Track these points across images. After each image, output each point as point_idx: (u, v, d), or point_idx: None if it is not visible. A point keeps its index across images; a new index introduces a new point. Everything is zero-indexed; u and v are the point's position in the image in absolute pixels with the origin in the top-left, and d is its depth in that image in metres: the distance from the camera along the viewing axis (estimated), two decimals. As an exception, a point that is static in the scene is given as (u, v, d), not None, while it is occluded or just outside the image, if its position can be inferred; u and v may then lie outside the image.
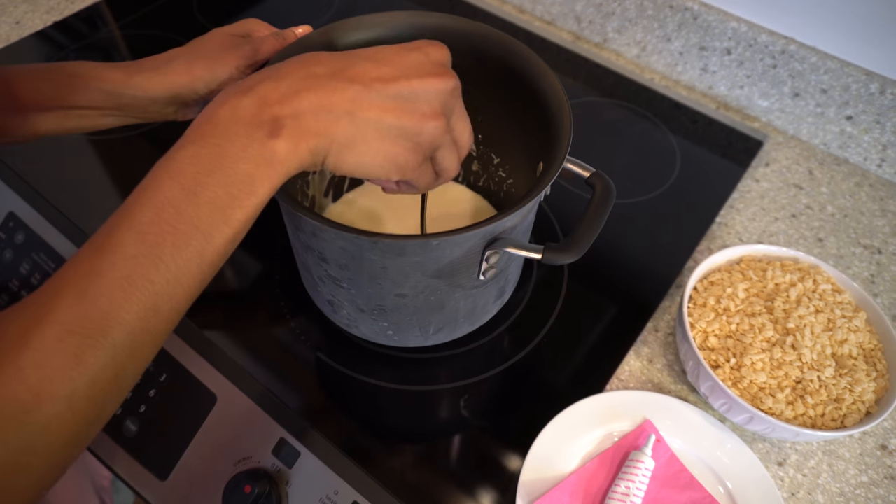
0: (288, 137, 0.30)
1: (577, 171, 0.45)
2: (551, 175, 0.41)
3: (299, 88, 0.31)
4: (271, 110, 0.30)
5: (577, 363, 0.55)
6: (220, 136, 0.29)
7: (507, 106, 0.50)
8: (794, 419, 0.47)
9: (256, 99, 0.30)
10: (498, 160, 0.57)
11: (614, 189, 0.43)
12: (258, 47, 0.46)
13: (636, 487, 0.46)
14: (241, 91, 0.31)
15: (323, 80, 0.31)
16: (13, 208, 0.63)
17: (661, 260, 0.62)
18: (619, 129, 0.75)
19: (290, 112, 0.30)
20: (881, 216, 0.67)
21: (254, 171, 0.29)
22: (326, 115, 0.31)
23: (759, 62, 0.72)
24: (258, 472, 0.47)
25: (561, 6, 0.84)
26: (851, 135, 0.70)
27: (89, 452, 0.53)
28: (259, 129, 0.30)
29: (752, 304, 0.51)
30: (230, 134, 0.29)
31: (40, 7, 0.85)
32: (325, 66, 0.32)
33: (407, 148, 0.34)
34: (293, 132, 0.30)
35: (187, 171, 0.29)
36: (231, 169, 0.29)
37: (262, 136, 0.30)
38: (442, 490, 0.48)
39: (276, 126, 0.30)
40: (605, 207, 0.42)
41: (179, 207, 0.28)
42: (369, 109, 0.32)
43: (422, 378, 0.54)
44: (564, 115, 0.44)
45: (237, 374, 0.52)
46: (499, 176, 0.58)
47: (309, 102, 0.31)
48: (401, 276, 0.43)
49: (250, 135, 0.29)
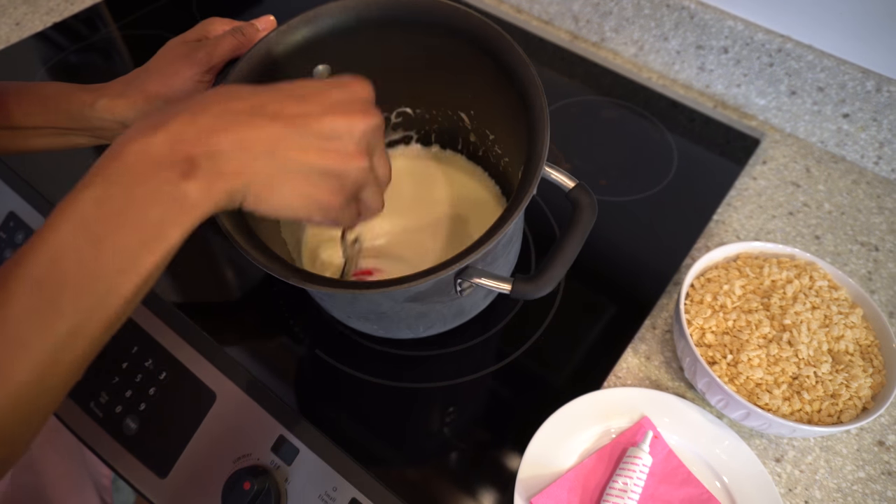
0: (202, 179, 0.28)
1: (559, 181, 0.43)
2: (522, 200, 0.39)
3: (216, 126, 0.28)
4: (185, 149, 0.28)
5: (575, 360, 0.55)
6: (128, 176, 0.27)
7: (492, 84, 0.48)
8: (790, 415, 0.47)
9: (169, 136, 0.28)
10: (493, 137, 0.56)
11: (596, 206, 0.42)
12: (213, 50, 0.45)
13: (634, 483, 0.46)
14: (152, 126, 0.28)
15: (242, 116, 0.29)
16: (13, 208, 0.63)
17: (659, 257, 0.62)
18: (616, 127, 0.75)
19: (206, 151, 0.28)
20: (878, 213, 0.67)
21: (165, 216, 0.27)
22: (245, 155, 0.29)
23: (755, 60, 0.72)
24: (257, 469, 0.47)
25: (558, 6, 0.84)
26: (848, 132, 0.71)
27: (90, 451, 0.54)
28: (171, 170, 0.27)
29: (748, 300, 0.51)
30: (140, 175, 0.27)
31: (40, 8, 0.85)
32: (245, 102, 0.30)
33: (330, 189, 0.32)
34: (208, 173, 0.28)
35: (91, 214, 0.26)
36: (140, 213, 0.27)
37: (174, 177, 0.27)
38: (440, 487, 0.48)
39: (190, 166, 0.28)
40: (583, 231, 0.41)
41: (81, 255, 0.26)
42: (290, 149, 0.30)
43: (420, 376, 0.54)
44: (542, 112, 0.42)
45: (236, 372, 0.52)
46: (495, 152, 0.58)
47: (226, 141, 0.28)
48: (373, 303, 0.44)
49: (162, 176, 0.27)
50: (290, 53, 0.46)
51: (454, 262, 0.38)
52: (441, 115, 0.58)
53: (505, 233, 0.39)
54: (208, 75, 0.45)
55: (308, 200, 0.32)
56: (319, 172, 0.31)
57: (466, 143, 0.61)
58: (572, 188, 0.43)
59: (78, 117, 0.45)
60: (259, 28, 0.46)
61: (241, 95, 0.30)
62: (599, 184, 0.68)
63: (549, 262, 0.40)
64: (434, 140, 0.62)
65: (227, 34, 0.46)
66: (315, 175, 0.31)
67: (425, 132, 0.61)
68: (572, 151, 0.71)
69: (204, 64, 0.45)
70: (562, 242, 0.41)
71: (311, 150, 0.30)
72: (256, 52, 0.45)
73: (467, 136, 0.60)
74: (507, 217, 0.39)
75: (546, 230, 0.64)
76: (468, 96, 0.51)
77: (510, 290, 0.40)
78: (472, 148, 0.61)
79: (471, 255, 0.38)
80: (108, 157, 0.28)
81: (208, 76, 0.45)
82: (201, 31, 0.47)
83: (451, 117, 0.58)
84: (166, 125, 0.28)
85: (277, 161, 0.30)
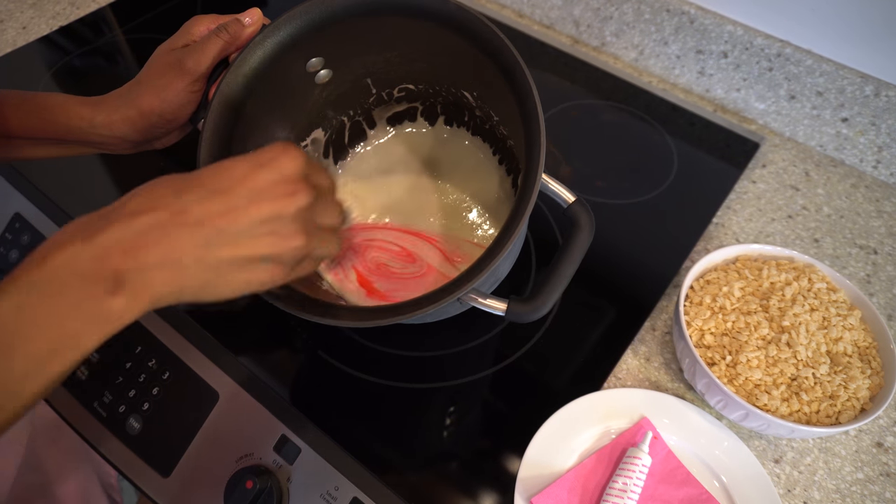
0: (128, 293, 0.28)
1: (558, 195, 0.43)
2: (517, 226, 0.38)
3: (142, 241, 0.28)
4: (113, 263, 0.27)
5: (575, 361, 0.55)
6: (52, 287, 0.27)
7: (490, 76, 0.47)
8: (789, 416, 0.47)
9: (98, 250, 0.27)
10: (497, 119, 0.55)
11: (594, 225, 0.42)
12: (200, 57, 0.44)
13: (633, 483, 0.46)
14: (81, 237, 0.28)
15: (168, 228, 0.29)
16: (19, 209, 0.64)
17: (659, 260, 0.63)
18: (617, 131, 0.75)
19: (134, 266, 0.28)
20: (877, 217, 0.67)
21: (83, 328, 0.27)
22: (174, 267, 0.29)
23: (755, 65, 0.73)
24: (260, 469, 0.48)
25: (559, 10, 0.85)
26: (847, 137, 0.71)
27: (94, 451, 0.54)
28: (97, 285, 0.27)
29: (747, 302, 0.52)
30: (64, 287, 0.27)
31: (46, 12, 0.86)
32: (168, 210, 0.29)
33: (269, 270, 0.32)
34: (135, 288, 0.28)
35: (7, 321, 0.26)
36: (58, 325, 0.27)
37: (99, 292, 0.27)
38: (441, 486, 0.48)
39: (117, 282, 0.27)
40: (581, 251, 0.41)
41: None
42: (220, 250, 0.30)
43: (421, 376, 0.54)
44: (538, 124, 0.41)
45: (239, 372, 0.52)
46: (501, 132, 0.56)
47: (154, 256, 0.28)
48: None
49: (86, 290, 0.27)
50: (282, 50, 0.47)
51: (459, 286, 0.38)
52: (444, 90, 0.57)
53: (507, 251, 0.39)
54: (198, 83, 0.45)
55: (248, 285, 0.32)
56: (254, 261, 0.31)
57: (473, 117, 0.59)
58: (571, 203, 0.42)
59: (76, 131, 0.45)
60: (245, 23, 0.45)
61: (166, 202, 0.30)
62: (598, 185, 0.68)
63: (545, 283, 0.39)
64: (440, 111, 0.61)
65: (213, 35, 0.45)
66: (250, 264, 0.31)
67: (430, 104, 0.60)
68: (573, 154, 0.71)
69: (194, 73, 0.44)
70: (558, 263, 0.40)
71: (242, 244, 0.30)
72: (246, 55, 0.45)
73: (473, 111, 0.58)
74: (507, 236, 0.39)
75: (548, 234, 0.64)
76: (469, 79, 0.51)
77: (505, 312, 0.39)
78: (478, 121, 0.59)
79: (475, 279, 0.38)
80: (34, 261, 0.27)
81: (198, 84, 0.45)
82: (187, 34, 0.46)
83: (455, 94, 0.56)
84: (94, 238, 0.28)
85: (208, 264, 0.30)
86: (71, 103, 0.45)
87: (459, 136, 0.61)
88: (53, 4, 0.87)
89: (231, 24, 0.45)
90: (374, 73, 0.55)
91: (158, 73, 0.45)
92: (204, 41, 0.45)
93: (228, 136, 0.46)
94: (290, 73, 0.49)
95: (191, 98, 0.45)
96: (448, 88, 0.56)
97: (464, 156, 0.61)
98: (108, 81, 0.48)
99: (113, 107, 0.45)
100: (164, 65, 0.45)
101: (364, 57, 0.53)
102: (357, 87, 0.56)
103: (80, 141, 0.46)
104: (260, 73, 0.46)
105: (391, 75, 0.56)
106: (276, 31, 0.46)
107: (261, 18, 0.46)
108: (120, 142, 0.46)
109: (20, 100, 0.45)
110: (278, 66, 0.47)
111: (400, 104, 0.60)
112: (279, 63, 0.47)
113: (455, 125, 0.61)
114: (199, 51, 0.44)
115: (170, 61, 0.45)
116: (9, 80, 0.77)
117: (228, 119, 0.46)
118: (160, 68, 0.45)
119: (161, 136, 0.48)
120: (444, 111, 0.61)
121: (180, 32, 0.47)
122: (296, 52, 0.47)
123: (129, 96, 0.45)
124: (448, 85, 0.56)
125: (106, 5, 0.87)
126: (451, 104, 0.59)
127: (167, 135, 0.48)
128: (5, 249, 0.63)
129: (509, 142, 0.56)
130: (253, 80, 0.46)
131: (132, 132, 0.45)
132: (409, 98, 0.59)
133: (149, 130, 0.46)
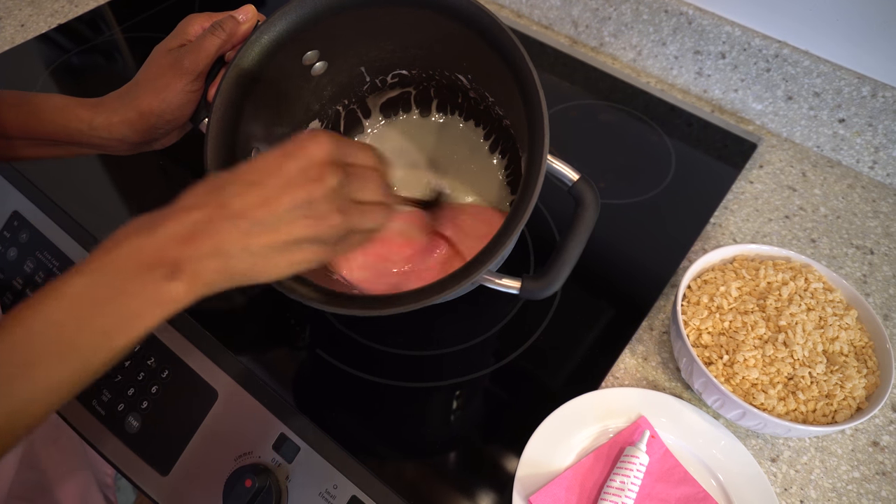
0: (186, 280, 0.31)
1: (561, 173, 0.43)
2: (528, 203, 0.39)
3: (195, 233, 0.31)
4: (171, 254, 0.31)
5: (573, 361, 0.56)
6: (119, 272, 0.30)
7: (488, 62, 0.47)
8: (785, 415, 0.47)
9: (158, 242, 0.31)
10: (492, 100, 0.55)
11: (599, 201, 0.42)
12: (197, 56, 0.45)
13: (631, 482, 0.46)
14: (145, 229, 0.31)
15: (214, 221, 0.32)
16: (18, 207, 0.64)
17: (657, 260, 0.63)
18: (615, 131, 0.76)
19: (189, 256, 0.31)
20: (873, 217, 0.68)
21: (145, 309, 0.31)
22: (222, 255, 0.32)
23: (752, 66, 0.73)
24: (259, 467, 0.48)
25: (558, 11, 0.85)
26: (844, 137, 0.71)
27: (92, 449, 0.54)
28: (157, 272, 0.31)
29: (744, 302, 0.52)
30: (129, 272, 0.30)
31: (44, 10, 0.86)
32: (212, 204, 0.32)
33: (312, 250, 0.34)
34: (191, 275, 0.31)
35: (83, 297, 0.30)
36: (124, 304, 0.30)
37: (159, 277, 0.30)
38: (439, 485, 0.48)
39: (175, 269, 0.31)
40: (588, 228, 0.41)
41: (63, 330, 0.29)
42: (261, 237, 0.32)
43: (419, 375, 0.54)
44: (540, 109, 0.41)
45: (238, 370, 0.52)
46: (496, 112, 0.57)
47: (205, 247, 0.31)
48: None
49: (148, 275, 0.30)
50: (278, 46, 0.47)
51: (471, 272, 0.38)
52: (438, 73, 0.57)
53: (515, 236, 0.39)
54: (197, 83, 0.45)
55: (294, 265, 0.35)
56: (296, 243, 0.34)
57: (467, 99, 0.60)
58: (576, 181, 0.43)
59: (75, 133, 0.45)
60: (240, 19, 0.46)
61: (211, 199, 0.33)
62: (598, 186, 0.68)
63: (555, 260, 0.40)
64: (434, 95, 0.61)
65: (208, 34, 0.45)
66: (293, 246, 0.34)
67: (423, 88, 0.60)
68: (571, 154, 0.71)
69: (191, 73, 0.45)
70: (567, 240, 0.41)
71: (280, 230, 0.33)
72: (243, 53, 0.45)
73: (466, 92, 0.58)
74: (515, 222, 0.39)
75: (544, 229, 0.64)
76: (463, 64, 0.51)
77: (519, 290, 0.40)
78: (472, 103, 0.60)
79: (488, 263, 0.38)
80: (103, 250, 0.31)
81: (197, 83, 0.46)
82: (182, 34, 0.47)
83: (449, 76, 0.57)
84: (154, 231, 0.31)
85: (252, 251, 0.33)
86: (70, 105, 0.45)
87: (453, 122, 0.62)
88: (52, 2, 0.87)
89: (226, 22, 0.45)
90: (368, 61, 0.56)
91: (157, 74, 0.45)
92: (200, 40, 0.45)
93: (232, 135, 0.46)
94: (287, 68, 0.50)
95: (190, 98, 0.46)
96: (441, 72, 0.56)
97: (458, 141, 0.61)
98: (106, 80, 0.48)
99: (112, 109, 0.45)
100: (161, 66, 0.45)
101: (358, 47, 0.53)
102: (351, 76, 0.56)
103: (79, 143, 0.46)
104: (257, 70, 0.47)
105: (385, 63, 0.56)
106: (271, 27, 0.46)
107: (255, 14, 0.47)
108: (119, 143, 0.46)
109: (19, 101, 0.45)
110: (275, 62, 0.47)
111: (394, 90, 0.60)
112: (275, 59, 0.47)
113: (448, 111, 0.62)
114: (196, 50, 0.45)
115: (167, 62, 0.45)
116: (7, 79, 0.77)
117: (231, 119, 0.46)
118: (158, 69, 0.45)
119: (160, 137, 0.48)
120: (438, 94, 0.61)
121: (175, 33, 0.47)
122: (291, 46, 0.48)
123: (128, 98, 0.45)
124: (442, 69, 0.56)
125: (104, 3, 0.87)
126: (444, 87, 0.59)
127: (167, 135, 0.48)
128: (4, 247, 0.63)
129: (505, 121, 0.56)
130: (251, 77, 0.46)
131: (132, 134, 0.45)
132: (402, 83, 0.60)
133: (148, 132, 0.46)
